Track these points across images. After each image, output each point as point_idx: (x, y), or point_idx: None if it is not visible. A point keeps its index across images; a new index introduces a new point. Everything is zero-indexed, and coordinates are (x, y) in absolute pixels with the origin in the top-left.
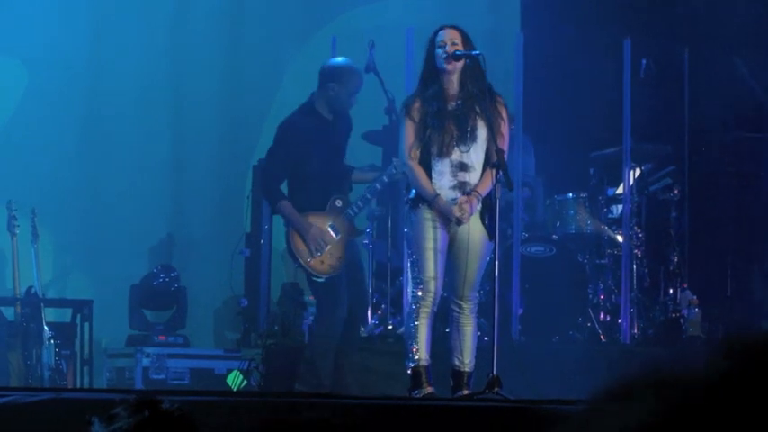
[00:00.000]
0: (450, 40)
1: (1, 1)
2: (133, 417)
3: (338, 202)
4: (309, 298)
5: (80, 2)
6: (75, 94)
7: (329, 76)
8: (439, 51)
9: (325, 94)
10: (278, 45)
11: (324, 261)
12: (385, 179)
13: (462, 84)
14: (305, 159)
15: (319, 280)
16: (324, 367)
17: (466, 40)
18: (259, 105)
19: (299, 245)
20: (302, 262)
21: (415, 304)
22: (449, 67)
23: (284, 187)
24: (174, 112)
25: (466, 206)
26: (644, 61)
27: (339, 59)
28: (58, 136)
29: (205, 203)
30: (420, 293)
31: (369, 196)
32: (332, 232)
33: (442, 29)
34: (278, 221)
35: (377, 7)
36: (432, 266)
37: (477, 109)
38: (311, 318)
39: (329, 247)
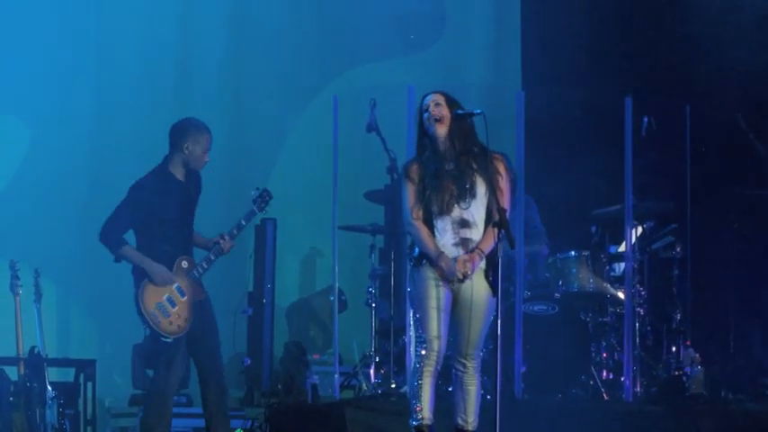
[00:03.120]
0: (434, 101)
1: (1, 60)
2: None
3: (184, 263)
4: (313, 357)
5: (82, 59)
6: (77, 152)
7: (182, 135)
8: (425, 115)
9: (179, 155)
10: (280, 107)
11: (172, 322)
12: (212, 257)
13: (453, 143)
14: (153, 221)
15: (167, 340)
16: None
17: (450, 102)
18: (262, 166)
19: (150, 306)
20: (151, 323)
21: (419, 363)
22: (438, 129)
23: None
24: None
25: (468, 264)
26: (645, 119)
27: (188, 119)
28: (61, 195)
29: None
30: (423, 352)
31: (212, 257)
32: (178, 294)
33: (427, 94)
34: (281, 281)
35: (378, 66)
36: (435, 325)
37: (474, 166)
38: (315, 377)
39: (176, 308)
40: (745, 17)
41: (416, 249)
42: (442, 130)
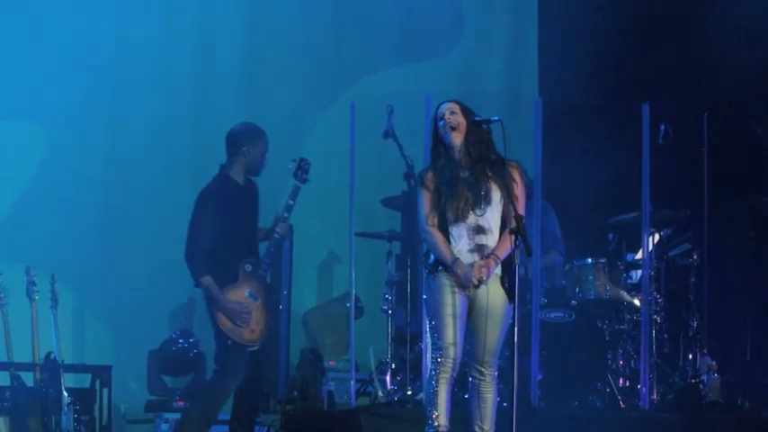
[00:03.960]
0: (449, 110)
1: (17, 65)
2: None
3: (247, 267)
4: (329, 363)
5: (99, 66)
6: (94, 157)
7: (240, 140)
8: (440, 123)
9: (239, 159)
10: (297, 112)
11: (254, 330)
12: (279, 224)
13: (469, 151)
14: (221, 230)
15: (254, 348)
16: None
17: (465, 110)
18: (280, 173)
19: (225, 323)
20: (235, 339)
21: (435, 370)
22: (453, 138)
23: None
24: (194, 180)
25: (484, 270)
26: (662, 127)
27: (244, 123)
28: (78, 201)
29: None
30: (440, 359)
31: (273, 249)
32: (251, 299)
33: (442, 103)
34: (297, 287)
35: (396, 72)
36: (451, 333)
37: (489, 173)
38: (331, 383)
39: (253, 313)
40: (766, 24)
41: (431, 256)
42: (457, 139)
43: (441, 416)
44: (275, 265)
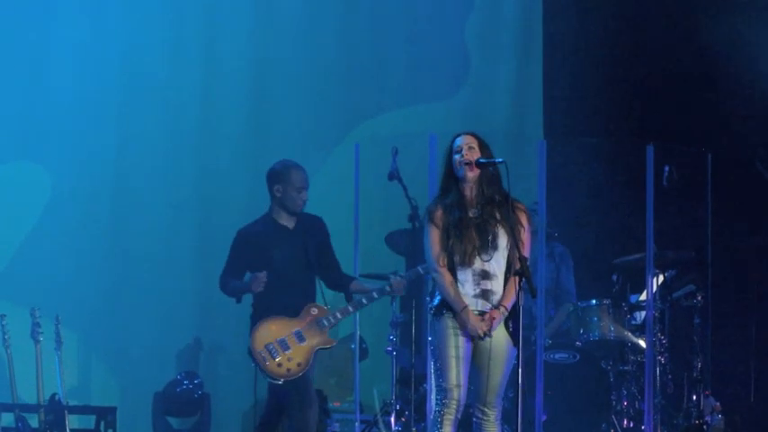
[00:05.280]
0: (467, 144)
1: (20, 106)
2: None
3: (313, 310)
4: (334, 404)
5: (104, 104)
6: (99, 199)
7: (271, 179)
8: (456, 157)
9: (274, 200)
10: (302, 154)
11: (281, 364)
12: (375, 295)
13: (480, 189)
14: (261, 266)
15: (277, 382)
16: None
17: (483, 146)
18: None
19: (259, 346)
20: (260, 363)
21: (439, 412)
22: (468, 173)
23: None
24: (199, 219)
25: (494, 323)
26: (666, 168)
27: (277, 163)
28: (82, 242)
29: (232, 308)
30: (444, 401)
31: (351, 309)
32: (295, 338)
33: (458, 135)
34: None
35: (400, 114)
36: (455, 374)
37: (498, 216)
38: (336, 425)
39: (289, 351)
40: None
41: (437, 299)
42: (471, 174)
43: None
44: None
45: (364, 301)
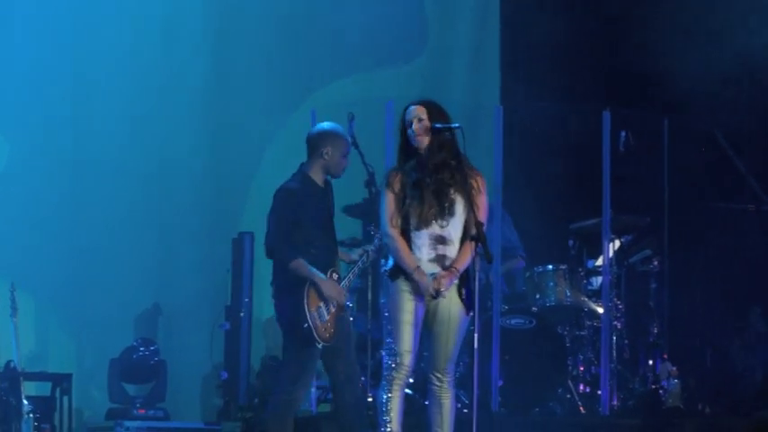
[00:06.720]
0: (417, 116)
1: None
2: None
3: (335, 276)
4: None
5: (60, 69)
6: (56, 165)
7: (321, 141)
8: (409, 132)
9: (319, 160)
10: (259, 119)
11: (326, 329)
12: (372, 250)
13: (435, 155)
14: (301, 226)
15: (319, 346)
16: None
17: (435, 113)
18: (241, 179)
19: (313, 304)
20: (311, 324)
21: (388, 376)
22: (419, 141)
23: None
24: (158, 183)
25: (444, 281)
26: (623, 133)
27: (326, 124)
28: (38, 208)
29: (190, 274)
30: (393, 365)
31: (357, 271)
32: (330, 305)
33: (409, 106)
34: (258, 294)
35: (357, 80)
36: (407, 339)
37: (454, 180)
38: None
39: (329, 317)
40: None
41: (390, 261)
42: (424, 143)
43: (393, 421)
44: (236, 273)
45: (360, 264)
